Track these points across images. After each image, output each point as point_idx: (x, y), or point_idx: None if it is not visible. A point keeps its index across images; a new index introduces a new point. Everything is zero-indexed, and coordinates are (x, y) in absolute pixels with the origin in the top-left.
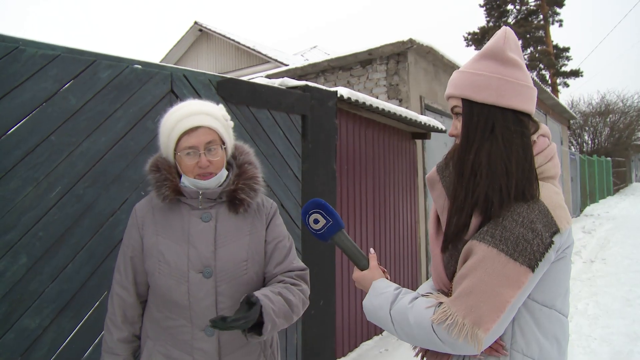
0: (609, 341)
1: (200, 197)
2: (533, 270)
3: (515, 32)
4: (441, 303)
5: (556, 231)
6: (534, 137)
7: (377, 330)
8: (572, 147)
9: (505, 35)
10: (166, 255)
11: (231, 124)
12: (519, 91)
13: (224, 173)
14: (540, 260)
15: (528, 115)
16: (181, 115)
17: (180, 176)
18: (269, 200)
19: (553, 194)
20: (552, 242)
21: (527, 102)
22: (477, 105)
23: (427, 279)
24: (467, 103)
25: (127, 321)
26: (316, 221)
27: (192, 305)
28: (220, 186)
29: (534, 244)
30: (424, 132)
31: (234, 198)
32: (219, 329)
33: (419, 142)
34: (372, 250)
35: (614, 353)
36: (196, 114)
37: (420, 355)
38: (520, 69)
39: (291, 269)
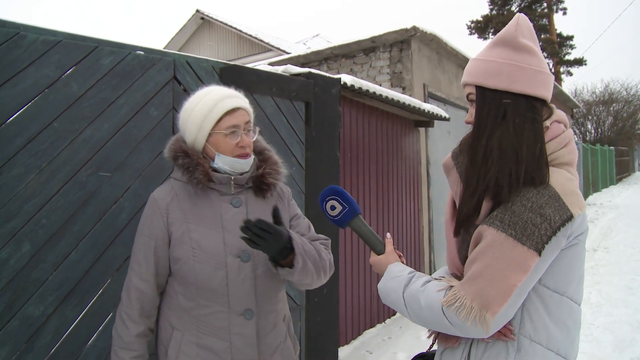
0: (611, 329)
1: (232, 182)
2: (540, 254)
3: None
4: (452, 286)
5: (570, 217)
6: (547, 122)
7: (380, 318)
8: (575, 136)
9: (518, 22)
10: (202, 242)
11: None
12: (532, 77)
13: (252, 157)
14: (547, 243)
15: (543, 101)
16: (219, 97)
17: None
18: (285, 185)
19: (565, 180)
20: (561, 227)
21: (541, 88)
22: (490, 92)
23: (430, 267)
24: (480, 90)
25: (144, 314)
26: (333, 207)
27: (231, 290)
28: (247, 172)
29: (542, 228)
30: (427, 120)
31: (262, 183)
32: (249, 230)
33: (422, 130)
34: (388, 235)
35: (616, 341)
36: (235, 96)
37: (432, 337)
38: (534, 55)
39: (316, 238)
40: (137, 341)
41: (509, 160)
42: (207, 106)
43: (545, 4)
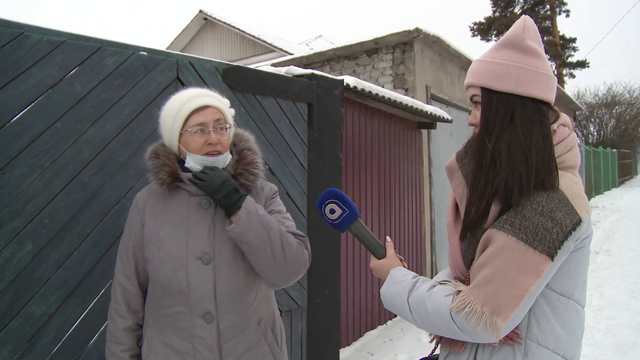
0: (613, 332)
1: None
2: (552, 259)
3: None
4: (460, 291)
5: (579, 221)
6: (554, 126)
7: (382, 320)
8: (577, 138)
9: (525, 24)
10: (165, 242)
11: (232, 111)
12: (538, 80)
13: (228, 155)
14: (559, 248)
15: (548, 104)
16: (189, 96)
17: (182, 163)
18: (270, 184)
19: (573, 183)
20: (572, 231)
21: (547, 91)
22: (496, 94)
23: (432, 268)
24: (486, 92)
25: (130, 310)
26: (332, 211)
27: (191, 292)
28: None
29: (553, 233)
30: (430, 121)
31: None
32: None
33: (424, 131)
34: (388, 238)
35: (618, 344)
36: (205, 95)
37: (435, 341)
38: (540, 58)
39: (289, 232)
40: (125, 335)
41: (519, 164)
42: (175, 107)
43: (548, 6)
